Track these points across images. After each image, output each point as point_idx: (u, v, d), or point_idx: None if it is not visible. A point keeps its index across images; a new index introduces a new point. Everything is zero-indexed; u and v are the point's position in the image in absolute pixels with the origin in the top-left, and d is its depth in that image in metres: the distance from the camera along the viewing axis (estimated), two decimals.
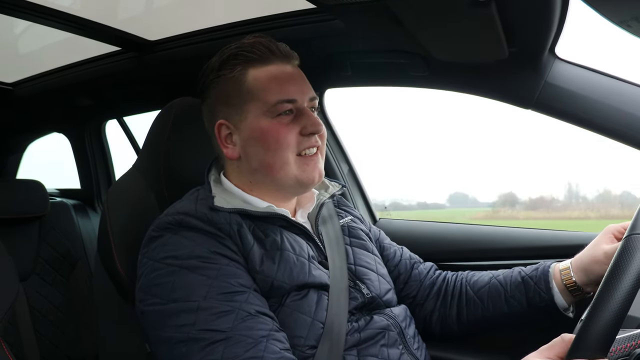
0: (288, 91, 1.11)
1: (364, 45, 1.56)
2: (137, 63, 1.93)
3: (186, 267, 0.97)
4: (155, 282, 0.98)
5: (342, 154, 2.06)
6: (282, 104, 1.10)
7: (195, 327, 0.91)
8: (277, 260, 1.04)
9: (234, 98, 1.12)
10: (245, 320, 0.93)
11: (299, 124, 1.10)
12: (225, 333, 0.91)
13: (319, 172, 1.14)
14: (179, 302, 0.94)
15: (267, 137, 1.09)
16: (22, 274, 2.04)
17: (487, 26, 1.15)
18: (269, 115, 1.10)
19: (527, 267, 1.27)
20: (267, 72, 1.12)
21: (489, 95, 1.51)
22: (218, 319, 0.92)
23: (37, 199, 2.15)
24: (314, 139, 1.12)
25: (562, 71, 1.40)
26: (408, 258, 1.40)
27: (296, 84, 1.13)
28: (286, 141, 1.09)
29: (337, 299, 1.09)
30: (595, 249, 1.16)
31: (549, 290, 1.19)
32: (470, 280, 1.33)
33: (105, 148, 2.65)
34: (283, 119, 1.10)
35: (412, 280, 1.36)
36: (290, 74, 1.14)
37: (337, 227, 1.25)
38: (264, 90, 1.10)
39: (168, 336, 0.93)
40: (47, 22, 1.62)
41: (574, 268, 1.18)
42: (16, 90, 2.31)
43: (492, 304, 1.27)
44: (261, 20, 1.64)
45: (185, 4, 1.79)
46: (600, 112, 1.34)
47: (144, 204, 1.25)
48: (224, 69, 1.13)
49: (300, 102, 1.12)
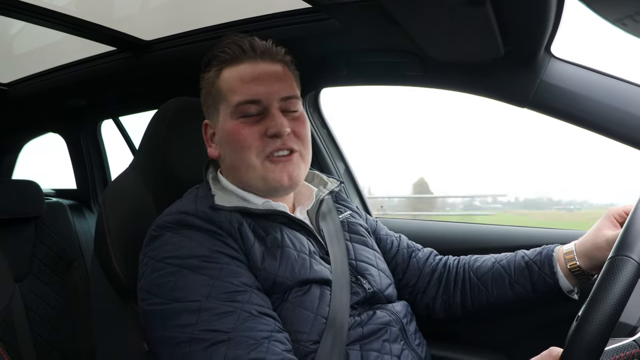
0: (252, 91, 1.09)
1: (359, 44, 1.56)
2: (132, 63, 1.92)
3: (187, 266, 0.97)
4: (156, 282, 0.98)
5: (338, 152, 2.06)
6: (244, 105, 1.09)
7: (198, 328, 0.91)
8: (278, 257, 1.05)
9: (210, 99, 1.15)
10: (247, 320, 0.93)
11: (263, 126, 1.09)
12: (227, 334, 0.91)
13: (288, 175, 1.10)
14: (180, 302, 0.94)
15: (231, 138, 1.10)
16: (18, 274, 2.03)
17: (483, 25, 1.15)
18: (233, 117, 1.10)
19: (529, 251, 1.27)
20: (236, 72, 1.12)
21: (484, 94, 1.51)
22: (220, 320, 0.92)
23: (32, 199, 2.15)
24: (280, 141, 1.09)
25: (558, 70, 1.40)
26: (405, 247, 1.40)
27: (264, 83, 1.11)
28: (247, 143, 1.08)
29: (339, 293, 1.09)
30: (597, 234, 1.15)
31: (554, 275, 1.19)
32: (473, 266, 1.32)
33: (101, 148, 2.65)
34: (247, 120, 1.09)
35: (410, 268, 1.36)
36: (259, 73, 1.12)
37: (337, 222, 1.25)
38: (230, 91, 1.11)
39: (170, 336, 0.93)
40: (43, 22, 1.62)
41: (577, 253, 1.17)
42: (11, 91, 2.30)
43: (496, 290, 1.26)
44: (256, 19, 1.64)
45: (180, 4, 1.79)
46: (596, 110, 1.35)
47: (140, 204, 1.25)
48: (205, 70, 1.16)
49: (267, 103, 1.10)
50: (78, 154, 2.61)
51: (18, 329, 1.94)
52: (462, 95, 1.55)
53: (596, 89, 1.36)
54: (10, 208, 2.08)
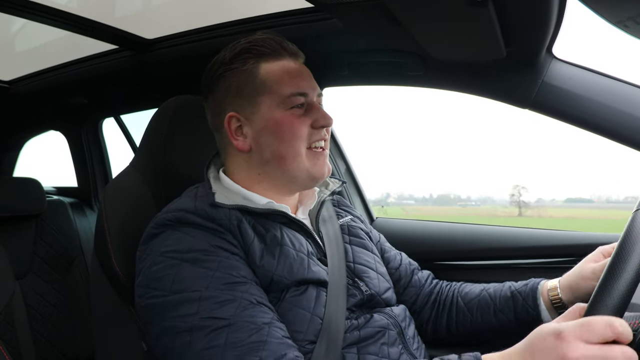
0: (300, 85, 1.14)
1: (361, 44, 1.56)
2: (134, 61, 1.92)
3: (187, 260, 0.97)
4: (155, 275, 0.98)
5: (340, 152, 2.06)
6: (295, 97, 1.13)
7: (198, 316, 0.91)
8: (277, 255, 1.05)
9: (246, 90, 1.13)
10: (247, 308, 0.93)
11: (310, 117, 1.14)
12: (228, 320, 0.91)
13: (328, 168, 1.17)
14: (181, 293, 0.94)
15: (281, 128, 1.12)
16: (19, 272, 2.04)
17: (485, 25, 1.15)
18: (282, 107, 1.12)
19: (517, 283, 1.29)
20: (280, 66, 1.15)
21: (486, 94, 1.51)
22: (220, 308, 0.92)
23: (34, 197, 2.15)
24: (323, 132, 1.15)
25: (560, 71, 1.40)
26: (408, 263, 1.41)
27: (306, 79, 1.17)
28: (299, 133, 1.12)
29: (335, 296, 1.09)
30: (583, 266, 1.18)
31: (537, 307, 1.21)
32: (462, 291, 1.35)
33: (102, 146, 2.65)
34: (296, 111, 1.13)
35: (411, 286, 1.37)
36: (300, 69, 1.18)
37: (336, 226, 1.26)
38: (278, 82, 1.13)
39: (171, 326, 0.93)
40: (44, 20, 1.62)
41: (561, 285, 1.20)
42: (13, 88, 2.30)
43: (480, 316, 1.29)
44: (259, 19, 1.64)
45: (182, 3, 1.79)
46: (597, 111, 1.35)
47: (141, 202, 1.25)
48: (236, 62, 1.14)
49: (311, 97, 1.16)
50: (79, 152, 2.62)
51: (18, 327, 1.95)
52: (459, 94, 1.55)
53: (597, 91, 1.36)
54: (11, 206, 2.08)
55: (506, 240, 1.71)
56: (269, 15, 1.62)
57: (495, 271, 1.72)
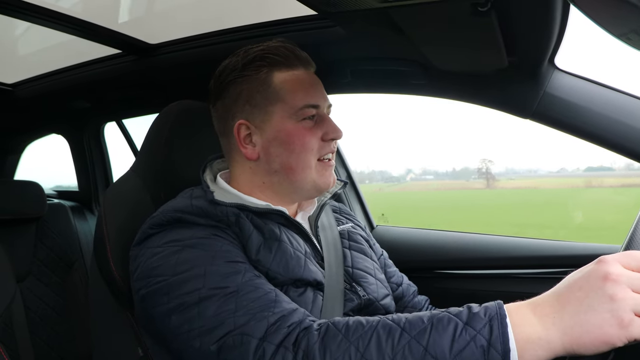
0: (313, 96, 1.13)
1: (364, 52, 1.57)
2: (137, 66, 1.93)
3: (189, 245, 0.98)
4: (156, 264, 0.97)
5: (341, 159, 2.06)
6: (307, 109, 1.12)
7: (205, 288, 0.90)
8: (274, 250, 1.04)
9: (258, 98, 1.12)
10: (252, 279, 0.93)
11: (321, 130, 1.13)
12: (235, 288, 0.90)
13: (334, 178, 1.18)
14: (185, 272, 0.93)
15: (292, 139, 1.11)
16: (19, 275, 2.03)
17: (487, 36, 1.15)
18: (294, 119, 1.12)
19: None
20: (294, 75, 1.14)
21: (487, 104, 1.51)
22: (226, 279, 0.92)
23: (34, 200, 2.15)
24: (332, 145, 1.15)
25: (561, 82, 1.40)
26: (409, 284, 1.40)
27: (319, 90, 1.16)
28: (310, 145, 1.12)
29: (332, 299, 1.08)
30: None
31: None
32: None
33: (104, 150, 2.65)
34: (307, 123, 1.12)
35: (412, 307, 1.36)
36: (313, 80, 1.17)
37: (335, 231, 1.25)
38: (291, 93, 1.12)
39: (177, 304, 0.91)
40: (48, 23, 1.62)
41: None
42: (16, 91, 2.31)
43: None
44: (262, 25, 1.65)
45: (186, 9, 1.80)
46: (598, 123, 1.35)
47: (140, 207, 1.25)
48: (248, 69, 1.13)
49: (322, 108, 1.15)
50: (81, 156, 2.62)
51: (17, 330, 1.94)
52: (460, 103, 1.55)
53: (599, 102, 1.36)
54: (12, 209, 2.08)
55: (506, 250, 1.70)
56: (272, 22, 1.63)
57: (495, 280, 1.72)
